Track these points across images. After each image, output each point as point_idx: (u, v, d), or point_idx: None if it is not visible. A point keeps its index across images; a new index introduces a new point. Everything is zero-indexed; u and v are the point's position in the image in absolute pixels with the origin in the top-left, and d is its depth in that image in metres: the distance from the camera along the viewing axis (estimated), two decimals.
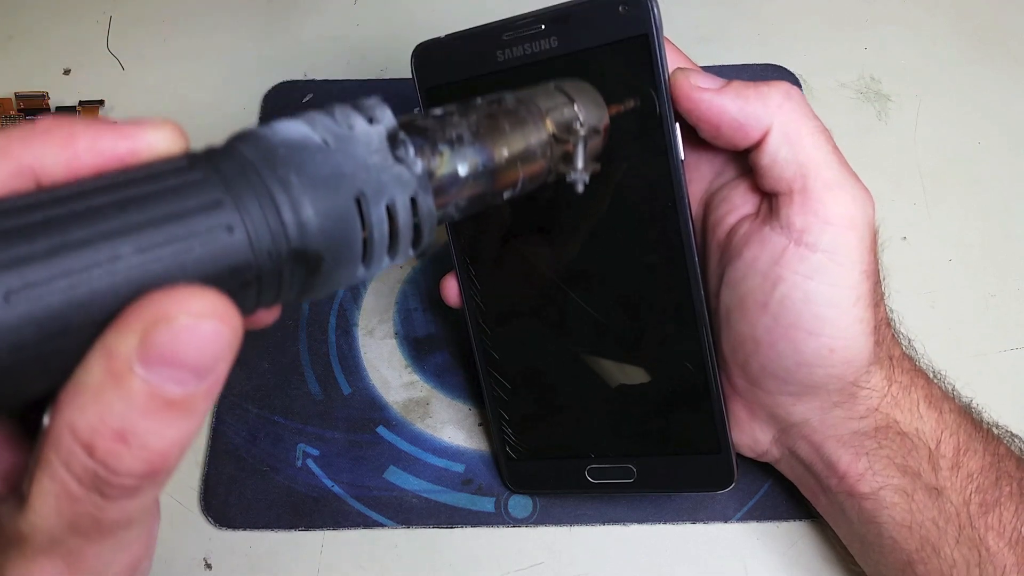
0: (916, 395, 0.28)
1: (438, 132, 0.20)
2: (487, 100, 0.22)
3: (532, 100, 0.23)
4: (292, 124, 0.17)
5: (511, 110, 0.22)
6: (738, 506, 0.33)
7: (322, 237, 0.16)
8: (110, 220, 0.14)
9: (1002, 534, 0.26)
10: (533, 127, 0.22)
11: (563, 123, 0.23)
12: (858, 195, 0.26)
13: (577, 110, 0.23)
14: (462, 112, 0.21)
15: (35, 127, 0.15)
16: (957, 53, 0.45)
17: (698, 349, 0.29)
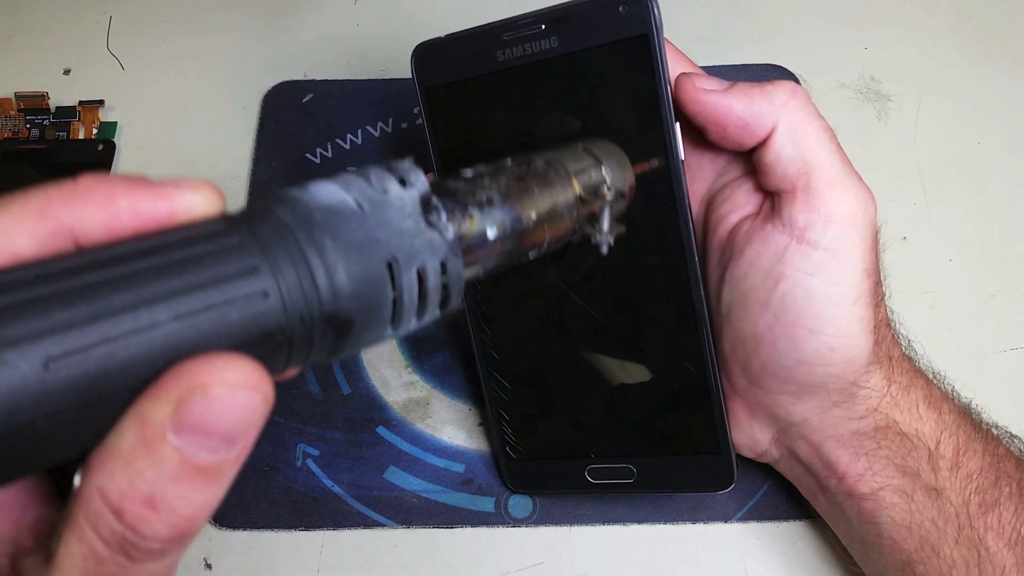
0: (915, 395, 0.28)
1: (468, 195, 0.20)
2: (517, 162, 0.22)
3: (560, 162, 0.23)
4: (329, 187, 0.17)
5: (540, 172, 0.22)
6: (738, 506, 0.33)
7: (354, 301, 0.16)
8: (149, 286, 0.14)
9: (1001, 534, 0.26)
10: (561, 189, 0.22)
11: (590, 186, 0.23)
12: (861, 194, 0.26)
13: (604, 173, 0.24)
14: (492, 174, 0.21)
15: (76, 187, 0.16)
16: (957, 53, 0.45)
17: (698, 349, 0.29)
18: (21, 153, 0.42)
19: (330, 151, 0.42)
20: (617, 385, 0.30)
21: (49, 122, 0.43)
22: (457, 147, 0.31)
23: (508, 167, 0.22)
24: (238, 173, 0.41)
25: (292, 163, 0.42)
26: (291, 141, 0.42)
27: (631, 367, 0.30)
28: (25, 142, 0.42)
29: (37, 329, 0.13)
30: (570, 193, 0.22)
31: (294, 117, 0.43)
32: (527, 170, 0.22)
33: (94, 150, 0.42)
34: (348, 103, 0.43)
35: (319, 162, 0.42)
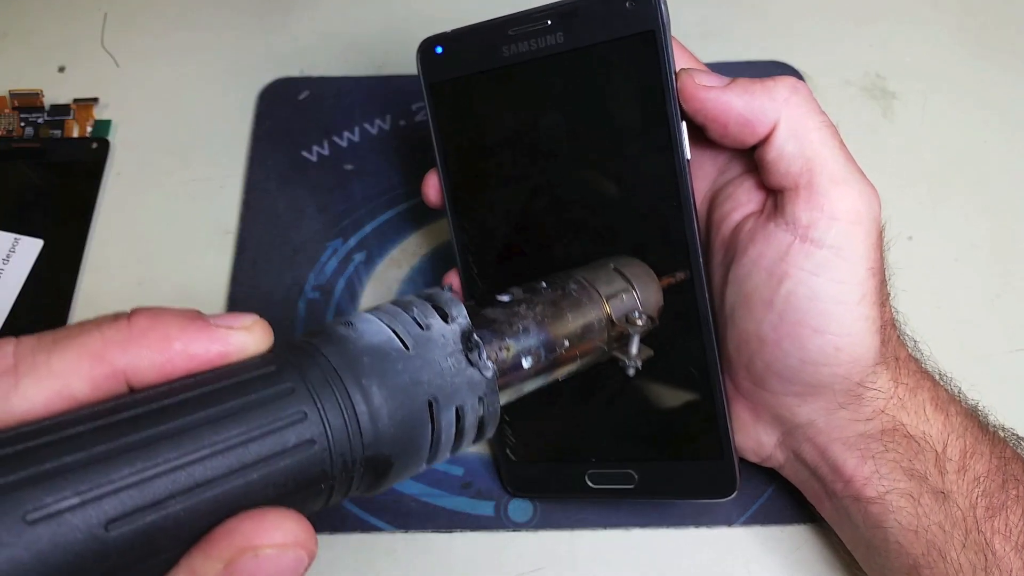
0: (922, 397, 0.27)
1: (506, 325, 0.21)
2: (552, 284, 0.23)
3: (594, 285, 0.24)
4: (375, 324, 0.18)
5: (574, 297, 0.23)
6: (741, 510, 0.33)
7: (396, 445, 0.17)
8: (204, 439, 0.15)
9: (1008, 538, 0.26)
10: (594, 315, 0.23)
11: (622, 311, 0.24)
12: (864, 191, 0.26)
13: (636, 298, 0.24)
14: (528, 300, 0.22)
15: (131, 328, 0.16)
16: (963, 50, 0.44)
17: (702, 354, 0.28)
18: (15, 151, 0.41)
19: (327, 149, 0.41)
20: (618, 388, 0.30)
21: (43, 120, 0.42)
22: (462, 143, 0.31)
23: (543, 291, 0.23)
24: (234, 171, 0.41)
25: (288, 161, 0.41)
26: (287, 139, 0.42)
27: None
28: (19, 140, 0.42)
29: (98, 490, 0.14)
30: (603, 319, 0.23)
31: (290, 114, 0.42)
32: (561, 295, 0.23)
33: (88, 148, 0.42)
34: (345, 100, 0.43)
35: (316, 160, 0.41)
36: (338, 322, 0.18)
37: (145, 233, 0.40)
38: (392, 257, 0.39)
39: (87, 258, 0.39)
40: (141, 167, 0.41)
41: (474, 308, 0.21)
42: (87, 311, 0.38)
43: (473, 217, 0.31)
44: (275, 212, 0.40)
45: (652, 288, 0.25)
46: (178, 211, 0.40)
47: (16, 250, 0.39)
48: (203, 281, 0.38)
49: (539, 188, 0.30)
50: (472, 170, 0.31)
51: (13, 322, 0.37)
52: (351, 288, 0.38)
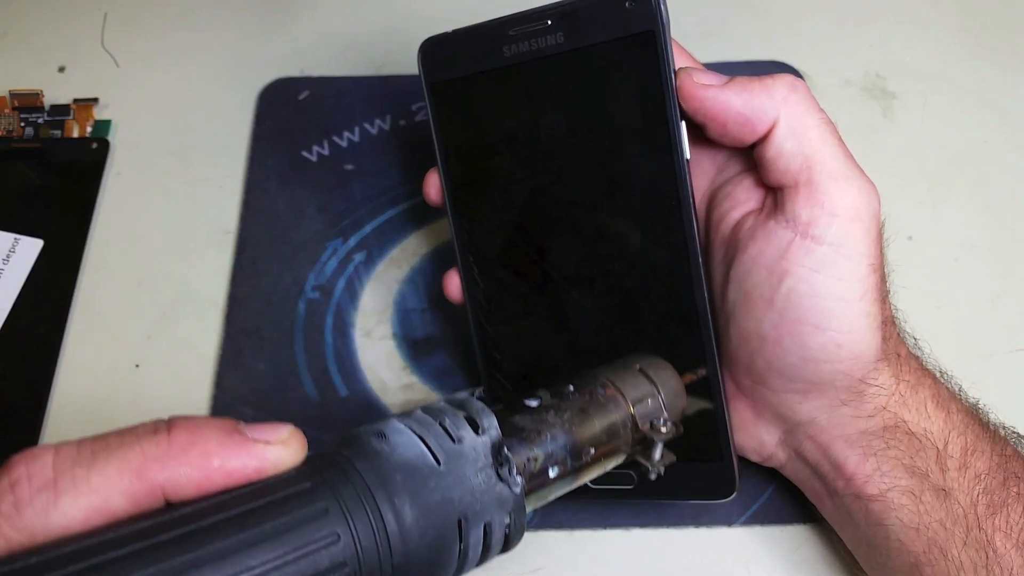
0: (923, 394, 0.27)
1: (535, 434, 0.21)
2: (579, 389, 0.23)
3: (621, 390, 0.24)
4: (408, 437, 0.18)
5: (601, 403, 0.23)
6: (741, 510, 0.33)
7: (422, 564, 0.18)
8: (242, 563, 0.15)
9: (1009, 535, 0.26)
10: (620, 422, 0.23)
11: (647, 416, 0.24)
12: (864, 187, 0.26)
13: (661, 404, 0.24)
14: (556, 406, 0.22)
15: (171, 446, 0.16)
16: (963, 50, 0.44)
17: (702, 354, 0.28)
18: (15, 151, 0.41)
19: (327, 149, 0.42)
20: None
21: (43, 120, 0.42)
22: (462, 142, 0.31)
23: (571, 395, 0.23)
24: (234, 172, 0.41)
25: (288, 161, 0.41)
26: (287, 139, 0.42)
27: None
28: (19, 140, 0.42)
29: None
30: (628, 424, 0.23)
31: (290, 114, 0.42)
32: (589, 400, 0.23)
33: (89, 148, 0.42)
34: (345, 100, 0.43)
35: (316, 160, 0.41)
36: (371, 432, 0.19)
37: (145, 233, 0.40)
38: (392, 257, 0.39)
39: (87, 258, 0.39)
40: (141, 167, 0.42)
41: (503, 414, 0.21)
42: (87, 311, 0.38)
43: (473, 216, 0.31)
44: (275, 212, 0.40)
45: (677, 391, 0.25)
46: (178, 211, 0.40)
47: (16, 250, 0.39)
48: (203, 281, 0.38)
49: (539, 187, 0.30)
50: (473, 169, 0.31)
51: (13, 322, 0.37)
52: (351, 288, 0.38)
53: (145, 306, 0.38)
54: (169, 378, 0.36)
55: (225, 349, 0.36)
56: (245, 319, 0.37)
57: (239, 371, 0.36)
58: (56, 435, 0.35)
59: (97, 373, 0.36)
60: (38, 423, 0.35)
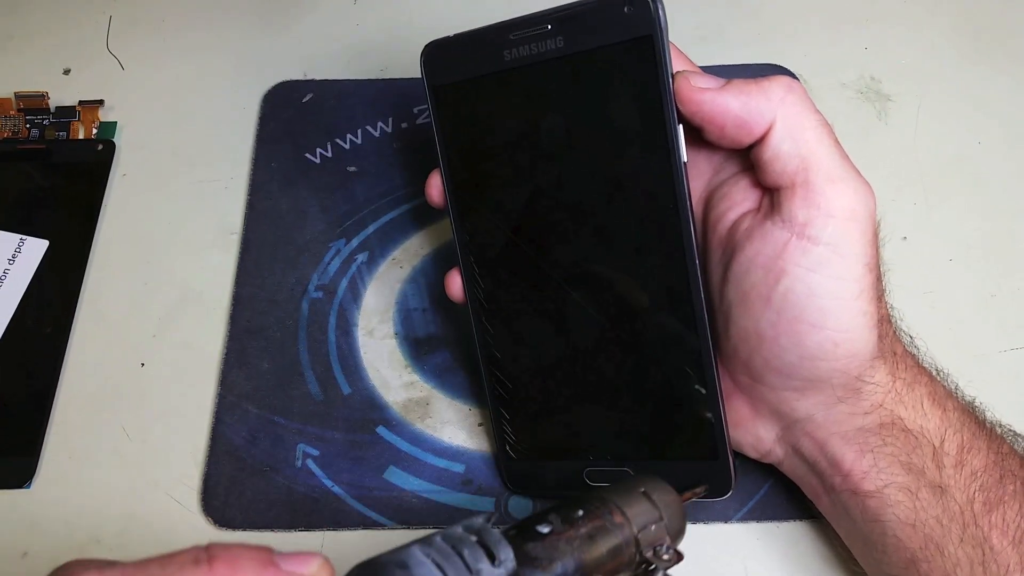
0: (920, 392, 0.28)
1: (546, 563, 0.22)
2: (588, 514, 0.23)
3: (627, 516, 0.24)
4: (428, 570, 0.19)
5: (609, 530, 0.24)
6: (738, 506, 0.33)
7: None
8: None
9: (1006, 532, 0.26)
10: (626, 548, 0.24)
11: (650, 543, 0.24)
12: (860, 188, 0.26)
13: (665, 530, 0.25)
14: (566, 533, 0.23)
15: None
16: (957, 53, 0.45)
17: (698, 355, 0.28)
18: (21, 153, 0.42)
19: (330, 151, 0.42)
20: (617, 388, 0.30)
21: (49, 122, 0.43)
22: (464, 144, 0.31)
23: (580, 521, 0.23)
24: (238, 173, 0.41)
25: (292, 162, 0.42)
26: (291, 141, 0.42)
27: (632, 370, 0.30)
28: (25, 142, 0.42)
29: None
30: (633, 551, 0.24)
31: (294, 117, 0.43)
32: (598, 527, 0.23)
33: (94, 150, 0.42)
34: (348, 103, 0.43)
35: (319, 162, 0.42)
36: (394, 562, 0.19)
37: (150, 234, 0.40)
38: (394, 257, 0.39)
39: (93, 259, 0.39)
40: (146, 169, 0.42)
41: (516, 540, 0.22)
42: (92, 311, 0.38)
43: (474, 217, 0.31)
44: (279, 213, 0.40)
45: (678, 516, 0.25)
46: (183, 212, 0.41)
47: (22, 251, 0.39)
48: (208, 281, 0.39)
49: (539, 189, 0.30)
50: (474, 171, 0.31)
51: (19, 322, 0.37)
52: (354, 288, 0.38)
53: (150, 306, 0.38)
54: (174, 377, 0.36)
55: (229, 348, 0.37)
56: (249, 319, 0.37)
57: (243, 370, 0.36)
58: (62, 435, 0.35)
59: (102, 372, 0.36)
60: (44, 422, 0.35)
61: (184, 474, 0.34)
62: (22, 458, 0.34)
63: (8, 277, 0.38)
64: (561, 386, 0.31)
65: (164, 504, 0.33)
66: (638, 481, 0.25)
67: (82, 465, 0.34)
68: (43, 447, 0.35)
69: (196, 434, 0.35)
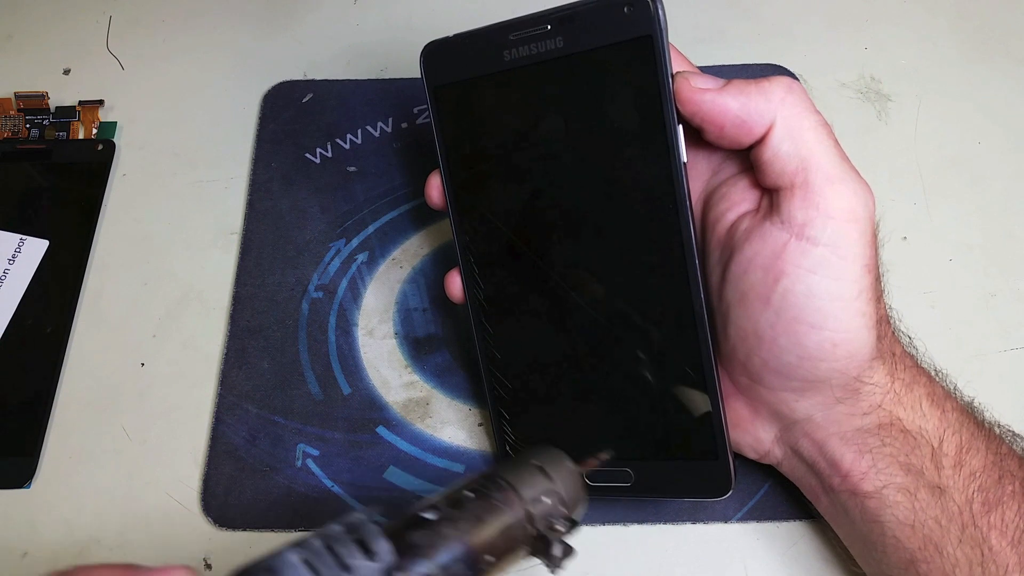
0: (918, 392, 0.28)
1: (430, 550, 0.21)
2: (476, 493, 0.23)
3: (518, 491, 0.24)
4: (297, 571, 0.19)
5: (498, 507, 0.23)
6: (738, 506, 0.33)
7: None
8: None
9: (1004, 533, 0.26)
10: (517, 524, 0.23)
11: (544, 515, 0.24)
12: (859, 189, 0.26)
13: (558, 500, 0.24)
14: (452, 518, 0.22)
15: None
16: (957, 53, 0.45)
17: (698, 355, 0.28)
18: (21, 153, 0.42)
19: (330, 151, 0.42)
20: (616, 387, 0.30)
21: (49, 122, 0.43)
22: (464, 145, 0.31)
23: (467, 502, 0.23)
24: (238, 173, 0.41)
25: (292, 162, 0.42)
26: (291, 141, 0.42)
27: (631, 370, 0.30)
28: (25, 142, 0.42)
29: None
30: (525, 525, 0.23)
31: (294, 117, 0.43)
32: (486, 506, 0.23)
33: (94, 150, 0.42)
34: (348, 103, 0.43)
35: (319, 162, 0.42)
36: (262, 568, 0.19)
37: (150, 234, 0.40)
38: (394, 257, 0.39)
39: (93, 258, 0.39)
40: (146, 168, 0.42)
41: (398, 531, 0.21)
42: (93, 311, 0.38)
43: (474, 217, 0.31)
44: (279, 213, 0.40)
45: (574, 485, 0.25)
46: (183, 212, 0.41)
47: (22, 251, 0.39)
48: (208, 281, 0.39)
49: (539, 189, 0.30)
50: (474, 171, 0.31)
51: (19, 322, 0.37)
52: (354, 288, 0.38)
53: (150, 306, 0.38)
54: (174, 377, 0.36)
55: (229, 348, 0.37)
56: (249, 318, 0.37)
57: (243, 370, 0.36)
58: (62, 434, 0.35)
59: (103, 372, 0.36)
60: (44, 422, 0.35)
61: (184, 474, 0.34)
62: (22, 458, 0.34)
63: (8, 277, 0.38)
64: (561, 386, 0.31)
65: (164, 504, 0.33)
66: (530, 454, 0.25)
67: (82, 465, 0.34)
68: (43, 447, 0.35)
69: (196, 434, 0.35)
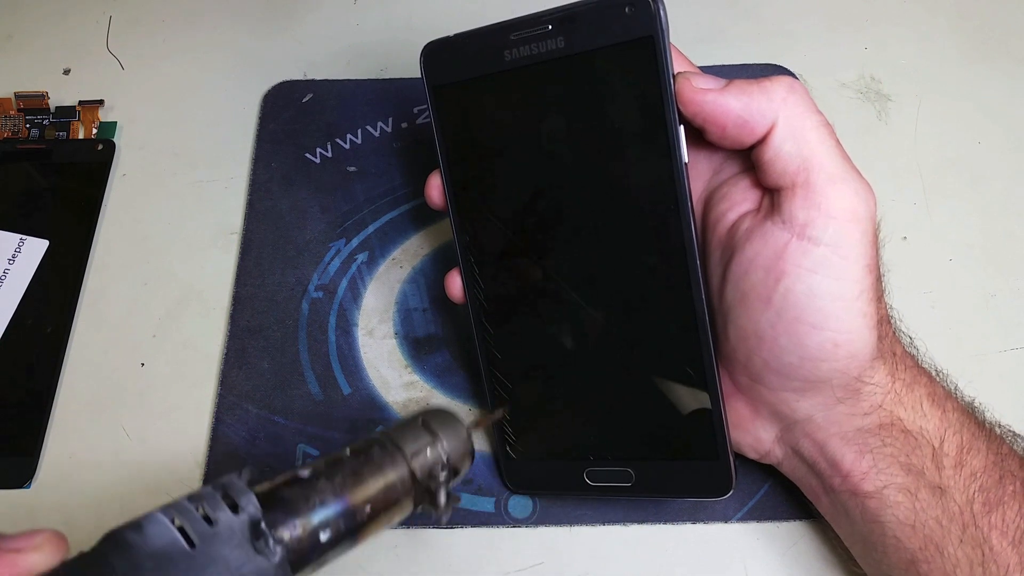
0: (919, 392, 0.28)
1: (302, 503, 0.21)
2: (355, 451, 0.23)
3: (398, 445, 0.24)
4: (161, 526, 0.19)
5: (376, 462, 0.23)
6: (738, 506, 0.33)
7: None
8: None
9: (1005, 533, 0.26)
10: (397, 476, 0.24)
11: (426, 467, 0.24)
12: (860, 189, 0.26)
13: (440, 451, 0.25)
14: (328, 473, 0.22)
15: None
16: (957, 53, 0.45)
17: (699, 355, 0.28)
18: (21, 153, 0.42)
19: (330, 151, 0.42)
20: (617, 388, 0.30)
21: (49, 122, 0.43)
22: (464, 145, 0.31)
23: (346, 460, 0.23)
24: (238, 173, 0.41)
25: (292, 162, 0.42)
26: (291, 141, 0.42)
27: (632, 370, 0.30)
28: (25, 142, 0.42)
29: None
30: (406, 478, 0.24)
31: (294, 117, 0.43)
32: (364, 460, 0.23)
33: (94, 150, 0.42)
34: (348, 103, 0.43)
35: (319, 162, 0.42)
36: (128, 525, 0.20)
37: (150, 234, 0.40)
38: (394, 257, 0.39)
39: (93, 258, 0.39)
40: (146, 168, 0.42)
41: (270, 491, 0.21)
42: (93, 311, 0.38)
43: (475, 218, 0.31)
44: (279, 213, 0.40)
45: (459, 438, 0.25)
46: (183, 212, 0.41)
47: (22, 250, 0.39)
48: (208, 281, 0.39)
49: (540, 189, 0.30)
50: (474, 171, 0.31)
51: (18, 322, 0.37)
52: (354, 288, 0.38)
53: (150, 306, 0.38)
54: (174, 377, 0.36)
55: (229, 348, 0.37)
56: (249, 318, 0.37)
57: (243, 370, 0.36)
58: (62, 434, 0.35)
59: (103, 372, 0.36)
60: (44, 422, 0.35)
61: (184, 474, 0.34)
62: (22, 458, 0.34)
63: (8, 277, 0.38)
64: (561, 386, 0.31)
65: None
66: (419, 413, 0.25)
67: (82, 465, 0.34)
68: (43, 447, 0.35)
69: (196, 434, 0.35)
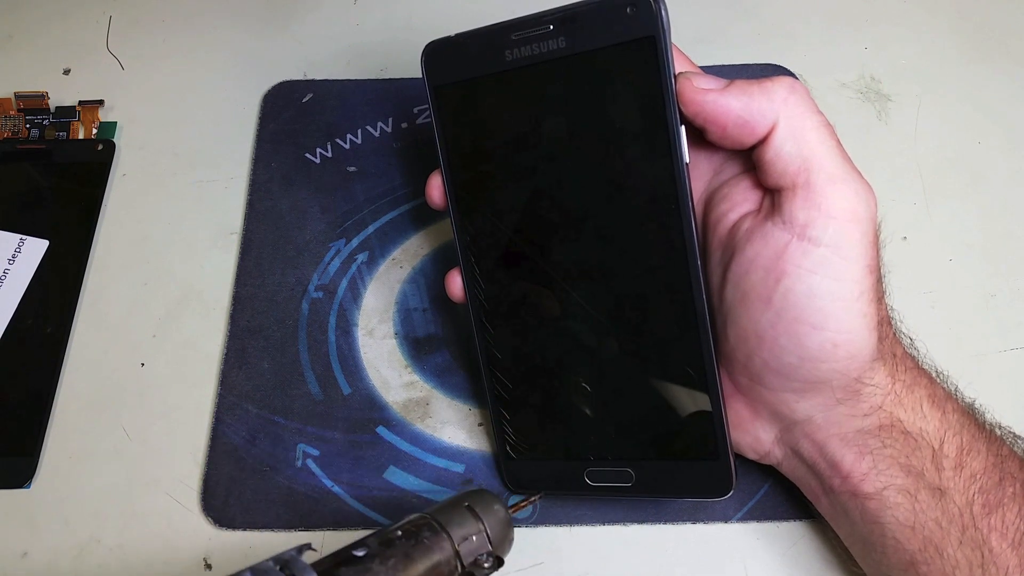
0: (919, 394, 0.28)
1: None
2: (406, 533, 0.24)
3: (447, 529, 0.25)
4: None
5: (426, 545, 0.24)
6: (738, 506, 0.33)
7: None
8: None
9: (1005, 535, 0.26)
10: (444, 562, 0.24)
11: (471, 553, 0.25)
12: (861, 189, 0.26)
13: (486, 539, 0.26)
14: (381, 554, 0.23)
15: None
16: (957, 53, 0.45)
17: (699, 355, 0.28)
18: (21, 153, 0.42)
19: (330, 151, 0.42)
20: (617, 388, 0.30)
21: (49, 122, 0.43)
22: (465, 145, 0.31)
23: (397, 541, 0.24)
24: (238, 173, 0.41)
25: (292, 162, 0.42)
26: (291, 141, 0.42)
27: (632, 371, 0.30)
28: (25, 142, 0.42)
29: None
30: (453, 564, 0.24)
31: (294, 117, 0.43)
32: (414, 544, 0.24)
33: (94, 150, 0.42)
34: (348, 103, 0.43)
35: (319, 162, 0.42)
36: None
37: (150, 234, 0.40)
38: (394, 257, 0.39)
39: (93, 258, 0.39)
40: (146, 168, 0.42)
41: (328, 567, 0.22)
42: (93, 311, 0.38)
43: (475, 218, 0.31)
44: (279, 213, 0.40)
45: (503, 525, 0.26)
46: (183, 212, 0.41)
47: (21, 250, 0.39)
48: (208, 281, 0.39)
49: (540, 189, 0.30)
50: (475, 171, 0.31)
51: (18, 322, 0.37)
52: (354, 288, 0.38)
53: (150, 306, 0.38)
54: (174, 377, 0.36)
55: (229, 348, 0.37)
56: (249, 318, 0.37)
57: (243, 370, 0.36)
58: (61, 434, 0.35)
59: (102, 372, 0.36)
60: (44, 422, 0.35)
61: (184, 474, 0.34)
62: (22, 458, 0.34)
63: (8, 277, 0.38)
64: (561, 386, 0.31)
65: (164, 504, 0.33)
66: (463, 496, 0.26)
67: (82, 465, 0.34)
68: (43, 447, 0.35)
69: (196, 434, 0.35)
